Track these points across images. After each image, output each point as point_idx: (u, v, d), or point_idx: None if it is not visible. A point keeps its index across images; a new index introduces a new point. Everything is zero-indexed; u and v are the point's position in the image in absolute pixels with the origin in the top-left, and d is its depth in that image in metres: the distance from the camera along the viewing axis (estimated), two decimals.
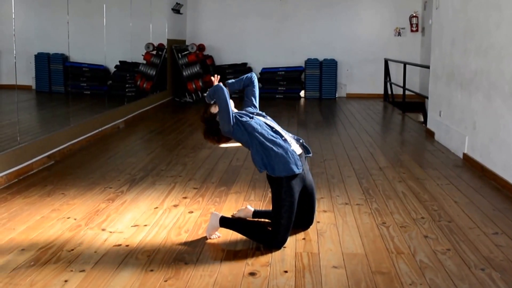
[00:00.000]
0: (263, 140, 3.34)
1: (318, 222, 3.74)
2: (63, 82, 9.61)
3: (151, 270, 2.96)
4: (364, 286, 2.77)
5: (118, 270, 2.96)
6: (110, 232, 3.57)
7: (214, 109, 3.57)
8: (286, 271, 2.95)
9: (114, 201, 4.25)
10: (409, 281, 2.82)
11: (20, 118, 7.48)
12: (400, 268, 2.98)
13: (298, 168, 3.32)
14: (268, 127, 3.45)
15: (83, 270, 2.96)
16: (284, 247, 3.28)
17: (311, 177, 3.58)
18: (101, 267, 3.01)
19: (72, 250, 3.26)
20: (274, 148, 3.31)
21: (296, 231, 3.54)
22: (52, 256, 3.17)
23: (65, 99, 8.70)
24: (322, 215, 3.90)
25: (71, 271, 2.96)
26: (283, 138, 3.41)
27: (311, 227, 3.63)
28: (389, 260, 3.09)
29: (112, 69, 10.17)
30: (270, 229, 3.34)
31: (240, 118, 3.42)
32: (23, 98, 9.09)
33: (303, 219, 3.59)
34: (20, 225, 3.69)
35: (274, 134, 3.41)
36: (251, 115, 3.50)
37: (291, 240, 3.40)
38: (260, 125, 3.41)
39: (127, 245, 3.33)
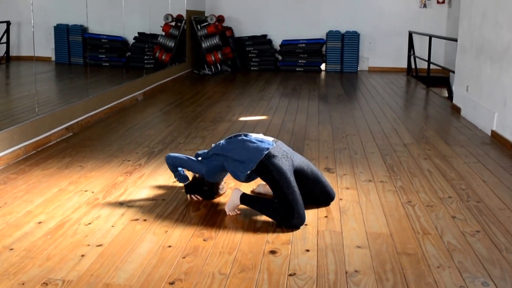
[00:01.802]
0: (224, 149, 3.45)
1: (341, 199, 3.63)
2: (82, 53, 9.57)
3: (169, 246, 2.89)
4: (389, 267, 2.66)
5: (135, 246, 2.89)
6: (128, 206, 3.50)
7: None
8: (308, 250, 2.85)
9: (132, 174, 4.18)
10: (437, 264, 2.70)
11: (39, 90, 7.44)
12: (427, 250, 2.86)
13: (268, 145, 3.34)
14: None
15: (100, 245, 2.90)
16: (306, 225, 3.18)
17: (301, 156, 3.51)
18: (118, 242, 2.94)
19: (89, 224, 3.20)
20: (235, 148, 3.41)
21: (318, 208, 3.44)
22: (69, 229, 3.11)
23: (84, 70, 8.66)
24: (345, 192, 3.79)
25: (88, 245, 2.90)
26: (241, 135, 3.53)
27: (333, 203, 3.52)
28: (415, 241, 2.98)
29: (131, 40, 10.09)
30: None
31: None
32: (42, 69, 9.07)
33: (319, 200, 3.51)
34: (38, 197, 3.64)
35: (228, 139, 3.55)
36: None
37: (312, 218, 3.30)
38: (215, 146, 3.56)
39: (144, 220, 3.26)
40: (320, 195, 3.49)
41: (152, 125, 6.03)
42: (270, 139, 3.47)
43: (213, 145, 3.64)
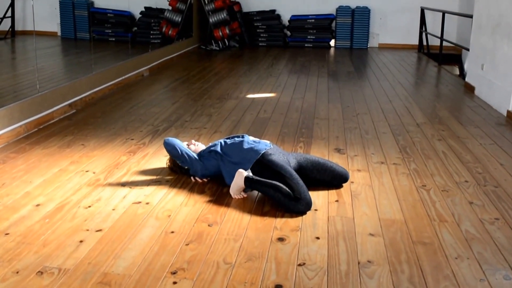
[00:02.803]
0: (222, 148, 3.44)
1: (352, 182, 3.47)
2: (88, 28, 9.40)
3: (172, 232, 2.75)
4: (405, 258, 2.51)
5: (137, 231, 2.75)
6: (130, 188, 3.36)
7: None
8: (318, 238, 2.71)
9: (136, 154, 4.04)
10: (455, 254, 2.55)
11: (43, 65, 7.29)
12: (444, 239, 2.71)
13: (265, 146, 3.35)
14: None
15: (100, 230, 2.77)
16: (315, 210, 3.03)
17: (295, 154, 3.46)
18: (118, 226, 2.81)
19: (89, 207, 3.06)
20: (232, 149, 3.41)
21: (328, 191, 3.29)
22: (67, 212, 2.98)
23: (90, 45, 8.50)
24: (356, 174, 3.63)
25: (87, 230, 2.77)
26: (239, 136, 3.55)
27: (344, 187, 3.37)
28: (431, 229, 2.82)
29: (137, 15, 9.89)
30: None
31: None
32: (47, 45, 8.93)
33: (333, 184, 3.38)
34: (37, 178, 3.51)
35: (227, 139, 3.56)
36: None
37: (323, 202, 3.15)
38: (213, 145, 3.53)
39: (147, 203, 3.12)
40: (332, 180, 3.36)
41: (158, 102, 5.86)
42: (267, 142, 3.47)
43: (210, 143, 3.62)
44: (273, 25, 11.58)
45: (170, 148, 3.57)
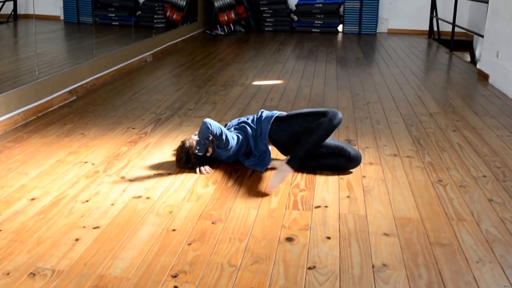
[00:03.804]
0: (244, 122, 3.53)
1: (364, 176, 3.30)
2: (91, 12, 9.21)
3: (173, 230, 2.59)
4: (422, 261, 2.34)
5: (136, 229, 2.59)
6: (130, 180, 3.19)
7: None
8: (328, 238, 2.54)
9: (137, 143, 3.87)
10: (476, 258, 2.37)
11: (45, 50, 7.10)
12: (464, 240, 2.54)
13: (277, 112, 3.49)
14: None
15: (97, 227, 2.61)
16: (326, 207, 2.87)
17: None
18: (117, 223, 2.65)
19: (87, 201, 2.90)
20: (250, 124, 3.48)
21: (339, 185, 3.12)
22: (64, 207, 2.82)
23: (93, 30, 8.32)
24: (368, 168, 3.45)
25: (84, 227, 2.61)
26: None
27: (356, 181, 3.19)
28: (449, 229, 2.65)
29: None
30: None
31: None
32: (50, 29, 8.74)
33: (347, 168, 3.36)
34: (34, 169, 3.35)
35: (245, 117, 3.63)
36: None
37: (333, 198, 2.98)
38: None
39: (147, 197, 2.95)
40: (346, 164, 3.34)
41: (161, 88, 5.68)
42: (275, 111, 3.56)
43: (230, 122, 3.69)
44: (280, 9, 11.33)
45: (213, 128, 3.26)
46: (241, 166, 3.44)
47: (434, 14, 10.33)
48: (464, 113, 4.88)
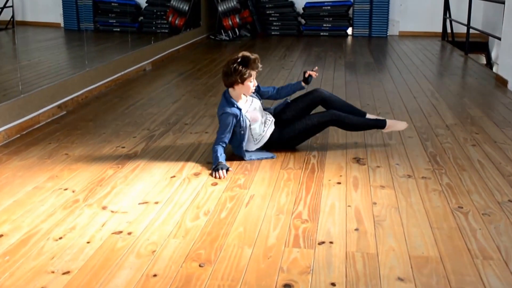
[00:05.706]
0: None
1: (375, 203, 2.93)
2: (92, 19, 8.95)
3: (154, 275, 2.24)
4: None
5: (111, 275, 2.24)
6: (112, 211, 2.85)
7: None
8: (333, 284, 2.18)
9: (124, 166, 3.53)
10: None
11: (41, 59, 6.78)
12: (491, 284, 2.16)
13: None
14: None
15: (67, 272, 2.26)
16: (331, 243, 2.50)
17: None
18: (90, 267, 2.30)
19: (60, 238, 2.56)
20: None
21: (347, 216, 2.75)
22: (33, 246, 2.49)
23: (93, 37, 8.04)
24: (380, 192, 3.08)
25: (52, 272, 2.27)
26: None
27: (365, 210, 2.83)
28: (473, 270, 2.27)
29: (144, 4, 9.43)
30: None
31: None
32: (49, 36, 8.44)
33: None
34: (7, 198, 3.02)
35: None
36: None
37: (339, 231, 2.61)
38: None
39: (129, 233, 2.61)
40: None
41: (157, 101, 5.34)
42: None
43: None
44: (287, 12, 10.97)
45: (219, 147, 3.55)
46: (238, 192, 3.09)
47: (448, 15, 9.93)
48: (483, 124, 4.49)
